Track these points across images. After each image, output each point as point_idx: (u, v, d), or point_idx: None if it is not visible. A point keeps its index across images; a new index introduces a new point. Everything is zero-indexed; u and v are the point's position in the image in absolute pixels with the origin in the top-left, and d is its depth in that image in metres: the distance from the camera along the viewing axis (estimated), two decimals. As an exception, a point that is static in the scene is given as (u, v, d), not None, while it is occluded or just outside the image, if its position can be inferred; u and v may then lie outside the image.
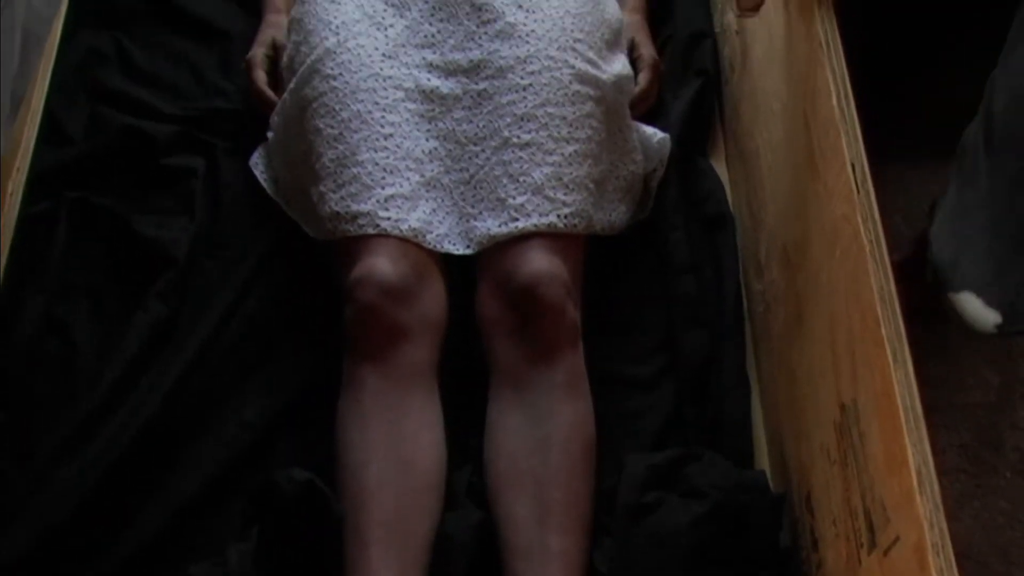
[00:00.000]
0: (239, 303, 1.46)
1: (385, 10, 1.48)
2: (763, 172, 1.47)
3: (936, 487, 0.93)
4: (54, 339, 1.43)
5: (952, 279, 1.37)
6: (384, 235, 1.34)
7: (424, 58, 1.45)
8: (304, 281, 1.48)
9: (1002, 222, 1.31)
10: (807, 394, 1.26)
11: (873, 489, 1.03)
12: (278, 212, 1.52)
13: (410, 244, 1.34)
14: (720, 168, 1.65)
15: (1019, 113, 1.27)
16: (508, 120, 1.40)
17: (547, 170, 1.37)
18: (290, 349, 1.44)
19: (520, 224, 1.35)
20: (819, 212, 1.21)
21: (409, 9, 1.48)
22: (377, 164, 1.37)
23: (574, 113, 1.41)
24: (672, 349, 1.46)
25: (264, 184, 1.54)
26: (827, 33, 1.21)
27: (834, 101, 1.16)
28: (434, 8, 1.48)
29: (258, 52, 1.60)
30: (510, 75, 1.42)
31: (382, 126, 1.39)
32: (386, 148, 1.38)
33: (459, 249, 1.38)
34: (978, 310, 1.35)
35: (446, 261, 1.39)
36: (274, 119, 1.53)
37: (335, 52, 1.43)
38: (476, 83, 1.43)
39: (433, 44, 1.46)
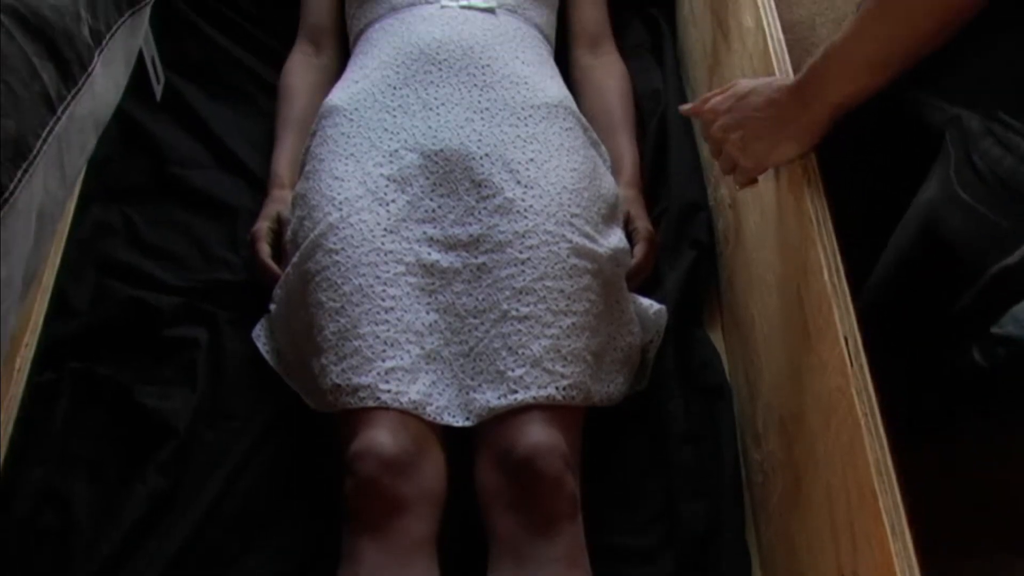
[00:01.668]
0: (239, 475, 1.46)
1: (387, 186, 1.52)
2: (759, 343, 1.49)
3: (938, 663, 0.92)
4: (52, 513, 1.42)
5: None
6: (384, 408, 1.35)
7: (425, 232, 1.49)
8: (304, 453, 1.48)
9: None
10: (807, 565, 1.25)
11: (876, 664, 1.02)
12: (279, 383, 1.53)
13: (410, 416, 1.36)
14: (716, 338, 1.67)
15: None
16: (507, 293, 1.42)
17: (545, 343, 1.39)
18: (290, 521, 1.43)
19: (519, 396, 1.36)
20: (814, 384, 1.23)
21: (411, 185, 1.53)
22: (378, 337, 1.39)
23: (572, 286, 1.44)
24: (671, 520, 1.45)
25: (266, 356, 1.55)
26: (817, 210, 1.24)
27: (826, 276, 1.19)
28: (435, 184, 1.52)
29: (263, 226, 1.64)
30: (509, 249, 1.45)
31: (383, 299, 1.42)
32: (387, 321, 1.40)
33: (459, 421, 1.39)
34: None
35: (446, 433, 1.40)
36: (277, 292, 1.56)
37: (338, 227, 1.47)
38: (476, 257, 1.47)
39: (434, 219, 1.50)
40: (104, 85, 1.13)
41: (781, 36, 1.43)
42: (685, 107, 1.48)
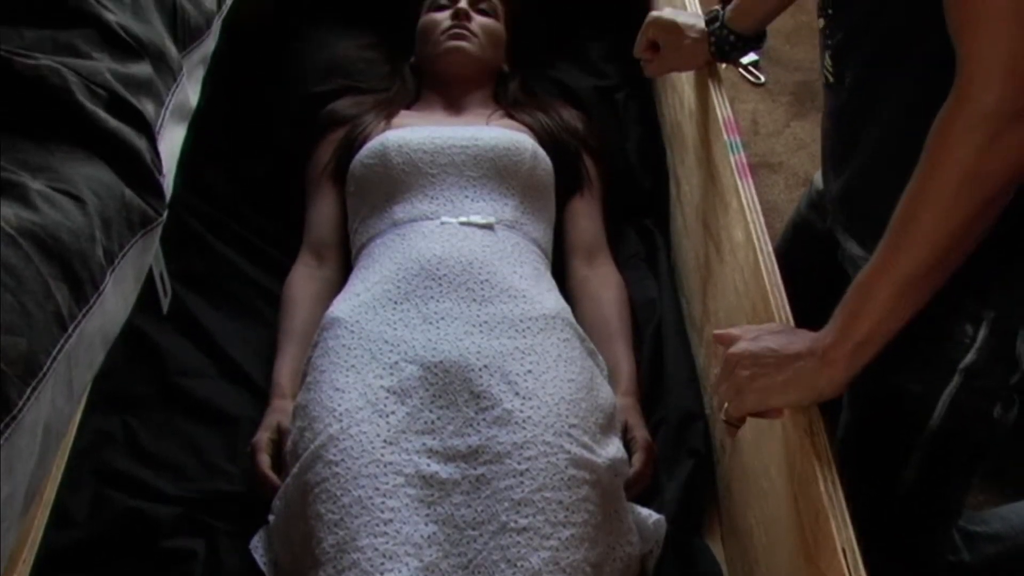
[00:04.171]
0: None
1: (387, 397, 1.54)
2: (758, 552, 1.48)
3: None
4: None
5: None
6: (382, 622, 1.34)
7: (424, 444, 1.50)
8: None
9: None
10: None
11: None
12: (277, 596, 1.52)
13: (408, 631, 1.34)
14: (716, 547, 1.66)
15: None
16: (506, 505, 1.43)
17: (544, 555, 1.39)
18: None
19: (518, 610, 1.35)
20: (815, 596, 1.22)
21: (410, 396, 1.54)
22: (376, 550, 1.38)
23: (570, 497, 1.44)
24: None
25: (263, 567, 1.54)
26: (812, 420, 1.26)
27: (822, 487, 1.20)
28: (434, 395, 1.54)
29: (263, 436, 1.65)
30: (507, 460, 1.46)
31: (382, 511, 1.42)
32: (386, 533, 1.40)
33: (457, 635, 1.37)
34: None
35: (444, 646, 1.38)
36: (276, 503, 1.56)
37: (338, 439, 1.48)
38: (475, 468, 1.47)
39: (433, 430, 1.51)
40: (114, 302, 1.16)
41: (771, 250, 1.47)
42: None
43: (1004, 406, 1.39)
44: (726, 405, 1.32)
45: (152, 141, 1.28)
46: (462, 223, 1.78)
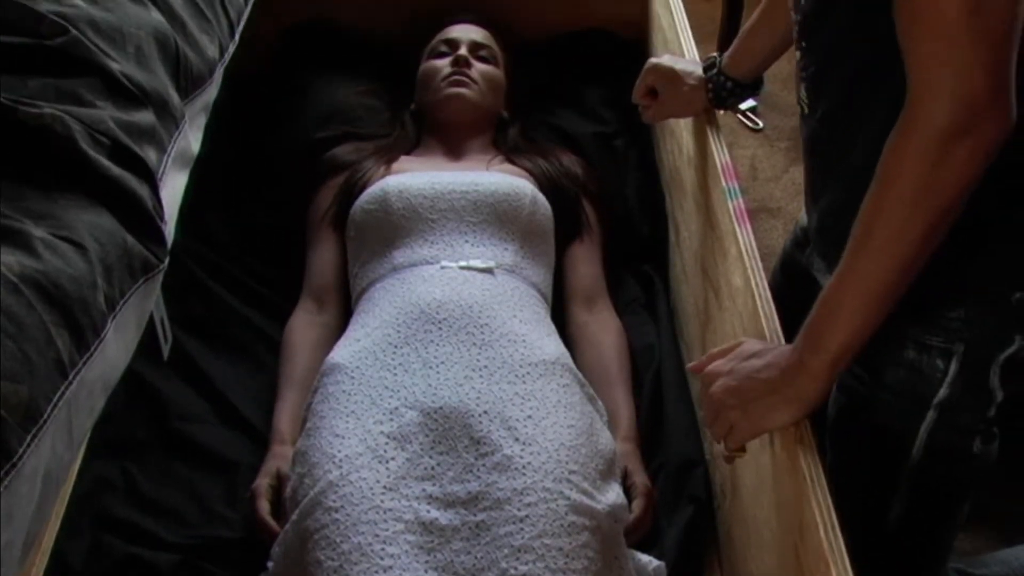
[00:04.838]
0: None
1: (387, 443, 1.54)
2: (759, 599, 1.48)
3: None
4: None
5: None
6: (382, 670, 1.33)
7: (424, 490, 1.50)
8: None
9: None
10: None
11: None
12: (275, 644, 1.51)
13: None
14: (717, 596, 1.66)
15: None
16: (506, 552, 1.42)
17: (544, 602, 1.38)
18: None
19: (518, 658, 1.34)
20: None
21: (410, 442, 1.54)
22: (376, 597, 1.38)
23: (570, 544, 1.44)
24: None
25: (262, 614, 1.54)
26: (811, 468, 1.26)
27: (822, 533, 1.19)
28: (434, 441, 1.54)
29: (263, 482, 1.65)
30: (507, 507, 1.46)
31: (381, 558, 1.41)
32: (385, 581, 1.40)
33: None
34: None
35: None
36: (275, 549, 1.55)
37: (338, 485, 1.48)
38: (474, 514, 1.47)
39: (433, 476, 1.51)
40: (115, 349, 1.16)
41: (769, 296, 1.48)
42: (692, 364, 1.47)
43: (984, 440, 1.40)
44: (723, 442, 1.35)
45: (154, 188, 1.28)
46: (462, 267, 1.79)
